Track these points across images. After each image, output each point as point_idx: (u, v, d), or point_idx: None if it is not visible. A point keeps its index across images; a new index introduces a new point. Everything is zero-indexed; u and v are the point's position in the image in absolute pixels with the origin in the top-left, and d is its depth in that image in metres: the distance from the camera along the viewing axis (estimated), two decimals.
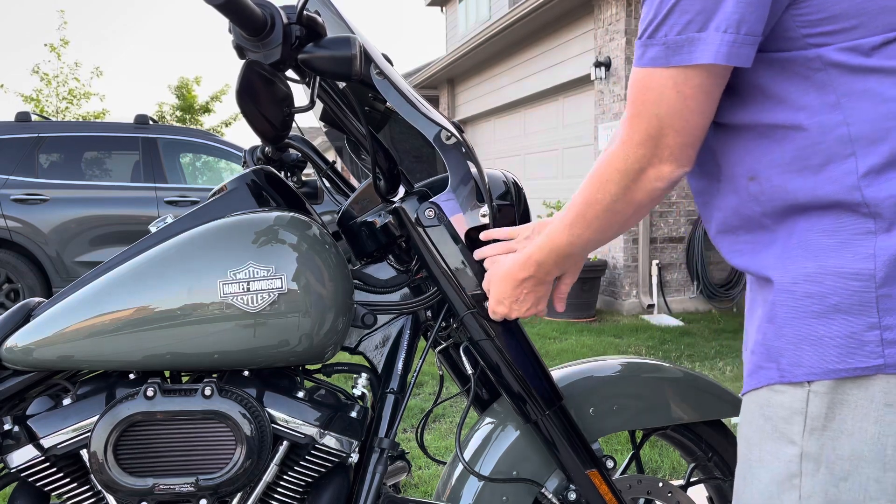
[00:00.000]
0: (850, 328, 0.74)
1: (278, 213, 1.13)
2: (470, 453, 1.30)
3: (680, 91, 0.76)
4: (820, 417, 0.76)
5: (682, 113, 0.77)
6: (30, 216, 5.98)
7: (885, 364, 0.72)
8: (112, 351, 1.07)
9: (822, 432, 0.76)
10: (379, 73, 1.08)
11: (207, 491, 1.08)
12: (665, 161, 0.80)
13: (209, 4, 0.88)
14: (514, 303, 1.08)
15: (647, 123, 0.79)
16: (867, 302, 0.73)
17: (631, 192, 0.83)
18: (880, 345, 0.73)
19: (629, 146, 0.81)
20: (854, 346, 0.74)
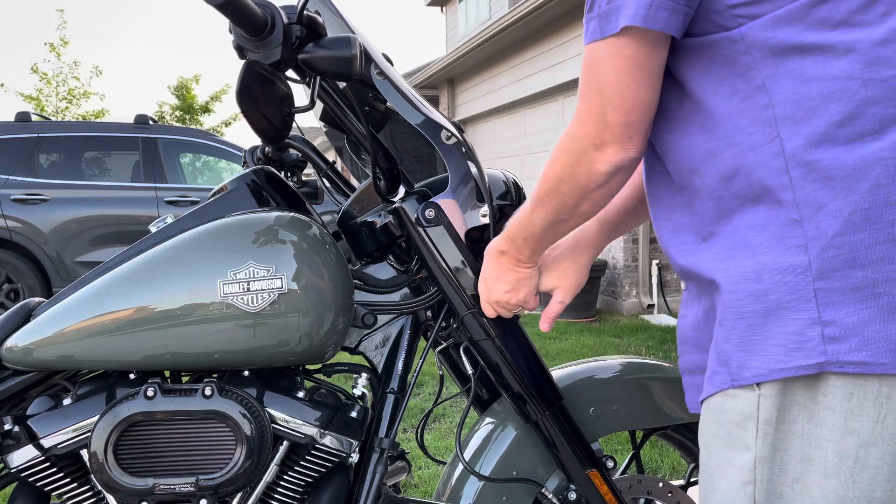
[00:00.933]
0: (791, 325, 0.71)
1: (278, 213, 1.13)
2: (470, 453, 1.30)
3: (614, 64, 0.76)
4: (771, 421, 0.74)
5: (617, 87, 0.76)
6: (30, 216, 5.98)
7: (827, 361, 0.69)
8: (112, 351, 1.07)
9: (774, 435, 0.74)
10: (379, 72, 1.08)
11: (207, 491, 1.08)
12: (608, 143, 0.78)
13: (209, 4, 0.88)
14: (495, 282, 1.06)
15: (589, 101, 0.78)
16: (805, 296, 0.70)
17: (576, 173, 0.82)
18: (822, 341, 0.70)
19: (576, 125, 0.81)
20: (796, 343, 0.71)
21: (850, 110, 0.69)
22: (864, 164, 0.68)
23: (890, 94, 0.68)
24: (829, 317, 0.69)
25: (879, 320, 0.67)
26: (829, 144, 0.69)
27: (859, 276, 0.68)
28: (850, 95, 0.69)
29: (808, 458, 0.72)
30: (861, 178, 0.68)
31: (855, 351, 0.68)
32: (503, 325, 1.19)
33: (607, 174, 0.80)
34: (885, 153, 0.67)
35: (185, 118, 17.06)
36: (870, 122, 0.68)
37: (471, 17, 12.92)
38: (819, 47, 0.70)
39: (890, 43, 0.69)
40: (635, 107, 0.76)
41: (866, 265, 0.68)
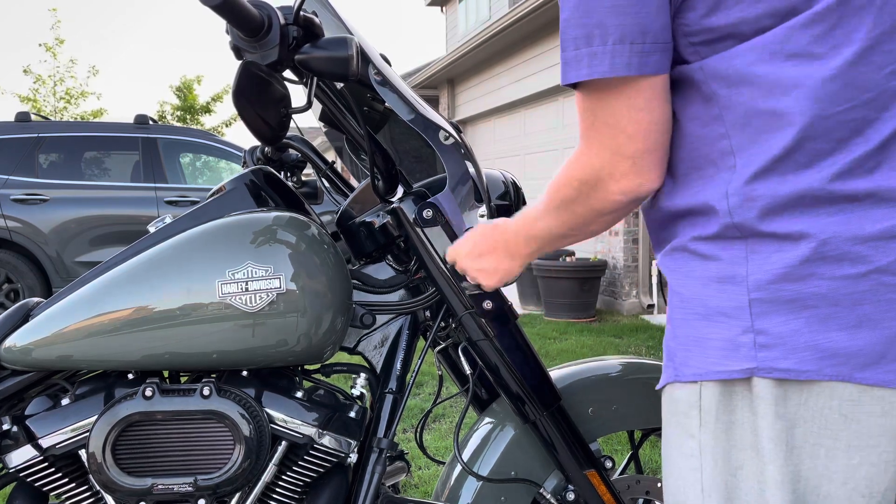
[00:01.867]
0: (728, 331, 0.76)
1: (277, 213, 1.13)
2: (469, 453, 1.30)
3: (620, 93, 0.76)
4: (711, 410, 0.78)
5: (629, 114, 0.76)
6: (30, 216, 5.98)
7: (757, 367, 0.74)
8: (111, 351, 1.07)
9: (714, 425, 0.78)
10: (377, 73, 1.08)
11: (206, 491, 1.08)
12: (627, 174, 0.78)
13: (205, 5, 0.88)
14: (477, 256, 1.04)
15: (599, 132, 0.78)
16: (741, 306, 0.75)
17: (591, 199, 0.82)
18: (753, 348, 0.74)
19: (588, 155, 0.80)
20: (731, 348, 0.76)
21: (792, 144, 0.72)
22: (795, 194, 0.72)
23: (829, 130, 0.71)
24: (761, 326, 0.74)
25: (806, 331, 0.72)
26: (768, 175, 0.73)
27: (790, 290, 0.72)
28: (795, 131, 0.72)
29: (748, 444, 0.76)
30: (794, 206, 0.72)
31: (783, 358, 0.73)
32: (502, 326, 1.19)
33: (626, 203, 0.80)
34: (815, 184, 0.71)
35: (185, 118, 17.06)
36: (809, 156, 0.72)
37: (471, 17, 12.92)
38: (768, 81, 0.73)
39: (837, 79, 0.70)
40: (651, 130, 0.76)
41: (797, 280, 0.72)
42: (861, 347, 0.71)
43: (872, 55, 0.70)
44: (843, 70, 0.70)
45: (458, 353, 1.28)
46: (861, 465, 0.73)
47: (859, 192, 0.71)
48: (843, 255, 0.71)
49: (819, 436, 0.73)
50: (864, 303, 0.71)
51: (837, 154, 0.71)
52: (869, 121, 0.71)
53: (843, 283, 0.71)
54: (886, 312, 0.71)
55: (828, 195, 0.71)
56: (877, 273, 0.70)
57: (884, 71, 0.70)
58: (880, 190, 0.71)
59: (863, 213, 0.71)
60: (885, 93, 0.71)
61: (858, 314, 0.71)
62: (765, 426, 0.74)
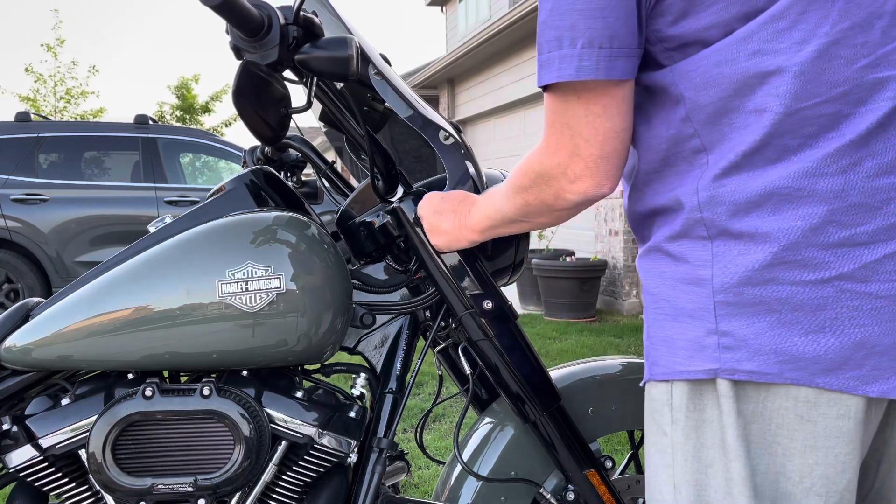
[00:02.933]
0: (693, 332, 0.77)
1: (277, 213, 1.13)
2: (468, 453, 1.30)
3: (579, 97, 0.76)
4: (682, 408, 0.79)
5: (587, 119, 0.76)
6: (30, 216, 5.98)
7: (720, 368, 0.75)
8: (111, 351, 1.07)
9: (685, 422, 0.79)
10: (377, 73, 1.08)
11: (206, 491, 1.08)
12: (582, 176, 0.78)
13: (205, 6, 0.88)
14: (432, 207, 1.06)
15: (558, 132, 0.79)
16: (707, 307, 0.76)
17: (545, 193, 0.83)
18: (717, 349, 0.75)
19: (545, 154, 0.81)
20: (696, 349, 0.77)
21: (760, 140, 0.72)
22: (763, 191, 0.72)
23: (797, 126, 0.71)
24: (725, 328, 0.74)
25: (769, 334, 0.72)
26: (736, 172, 0.73)
27: (753, 294, 0.73)
28: (762, 127, 0.71)
29: (716, 443, 0.77)
30: (761, 204, 0.72)
31: (745, 360, 0.73)
32: (502, 326, 1.19)
33: (577, 203, 0.80)
34: (782, 181, 0.71)
35: (185, 118, 17.06)
36: (777, 152, 0.72)
37: (471, 17, 12.92)
38: (733, 81, 0.73)
39: (803, 75, 0.70)
40: (609, 137, 0.76)
41: (759, 284, 0.72)
42: (823, 353, 0.71)
43: (839, 49, 0.69)
44: (808, 65, 0.69)
45: (458, 353, 1.28)
46: (817, 465, 0.73)
47: (831, 190, 0.70)
48: (805, 261, 0.71)
49: (776, 434, 0.74)
50: (827, 309, 0.71)
51: (807, 150, 0.71)
52: (843, 115, 0.70)
53: (805, 289, 0.71)
54: (849, 319, 0.70)
55: (795, 193, 0.71)
56: (839, 280, 0.70)
57: (854, 65, 0.69)
58: (851, 192, 0.70)
59: (829, 217, 0.70)
60: (858, 87, 0.69)
61: (821, 320, 0.71)
62: (729, 424, 0.75)
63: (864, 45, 0.69)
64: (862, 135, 0.70)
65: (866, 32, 0.69)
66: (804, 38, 0.69)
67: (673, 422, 0.80)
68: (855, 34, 0.69)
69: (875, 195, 0.70)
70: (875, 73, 0.69)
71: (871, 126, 0.69)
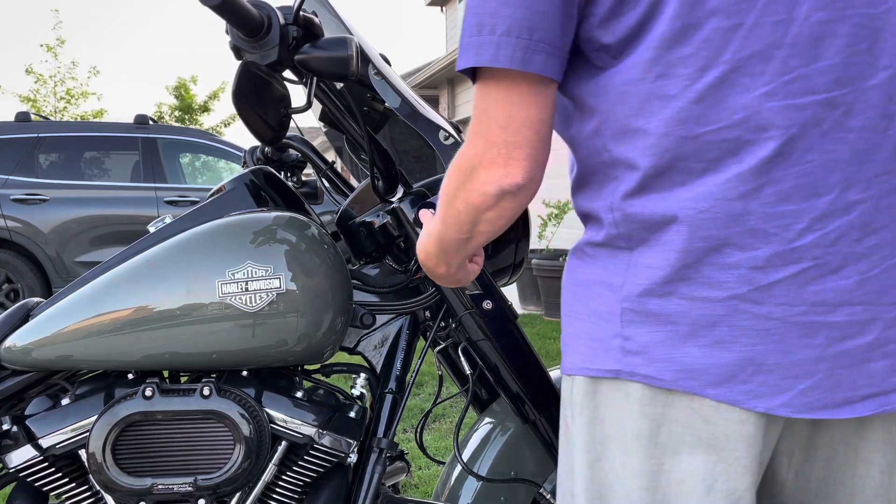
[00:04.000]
0: (601, 333, 0.80)
1: (277, 213, 1.13)
2: (468, 453, 1.30)
3: (498, 83, 0.75)
4: (578, 404, 0.83)
5: (504, 105, 0.75)
6: (30, 216, 5.97)
7: (622, 370, 0.78)
8: (111, 351, 1.07)
9: (582, 416, 0.82)
10: (377, 73, 1.08)
11: (206, 491, 1.08)
12: (493, 163, 0.76)
13: (205, 6, 0.88)
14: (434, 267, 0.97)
15: (477, 118, 0.78)
16: (615, 311, 0.79)
17: (467, 190, 0.80)
18: (621, 352, 0.78)
19: (467, 143, 0.80)
20: (601, 349, 0.80)
21: (664, 164, 0.74)
22: (668, 213, 0.74)
23: (700, 150, 0.72)
24: (629, 333, 0.77)
25: (666, 344, 0.75)
26: (644, 193, 0.76)
27: (655, 305, 0.76)
28: (664, 151, 0.73)
29: (608, 438, 0.80)
30: (666, 225, 0.75)
31: (645, 365, 0.76)
32: (502, 326, 1.19)
33: (495, 196, 0.78)
34: (686, 204, 0.73)
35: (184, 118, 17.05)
36: (682, 175, 0.74)
37: None
38: (637, 100, 0.74)
39: (703, 100, 0.71)
40: (524, 126, 0.75)
41: (661, 296, 0.75)
42: (713, 365, 0.74)
43: (739, 77, 0.71)
44: (709, 91, 0.71)
45: (458, 354, 1.28)
46: (719, 463, 0.76)
47: (731, 214, 0.72)
48: (704, 279, 0.74)
49: (682, 434, 0.76)
50: (720, 325, 0.73)
51: (710, 174, 0.73)
52: (745, 142, 0.71)
53: (702, 305, 0.74)
54: (740, 337, 0.73)
55: (698, 215, 0.73)
56: (734, 299, 0.73)
57: (754, 93, 0.71)
58: (749, 217, 0.72)
59: (728, 240, 0.72)
60: (759, 114, 0.71)
61: (714, 335, 0.73)
62: (630, 423, 0.78)
63: (764, 74, 0.71)
64: (763, 161, 0.71)
65: (766, 62, 0.71)
66: (706, 65, 0.71)
67: (573, 416, 0.84)
68: (755, 63, 0.71)
69: (772, 221, 0.72)
70: (775, 101, 0.71)
71: (771, 154, 0.71)
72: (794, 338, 0.73)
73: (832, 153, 0.71)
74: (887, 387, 0.75)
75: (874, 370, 0.74)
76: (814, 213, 0.72)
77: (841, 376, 0.73)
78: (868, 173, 0.72)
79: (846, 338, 0.73)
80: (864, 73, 0.72)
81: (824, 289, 0.72)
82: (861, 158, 0.72)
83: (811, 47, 0.70)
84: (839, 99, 0.71)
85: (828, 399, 0.73)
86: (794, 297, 0.72)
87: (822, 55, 0.70)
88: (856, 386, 0.74)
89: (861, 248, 0.73)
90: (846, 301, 0.73)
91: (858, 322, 0.73)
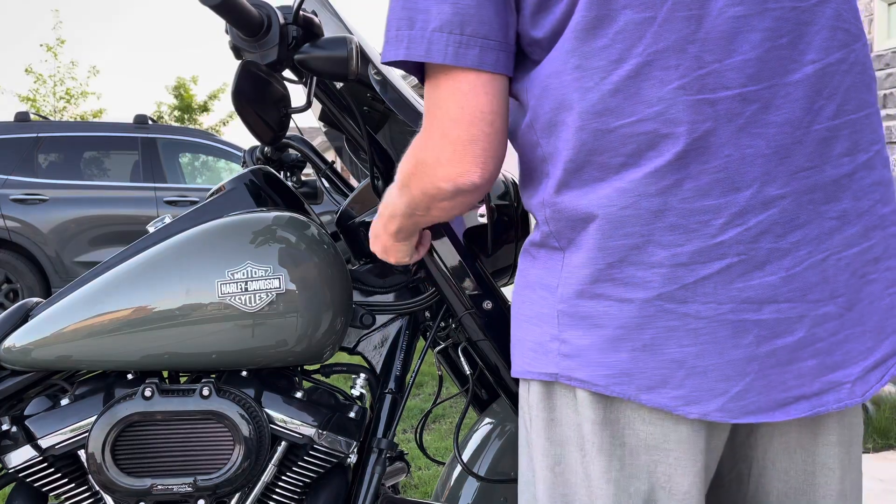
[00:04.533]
0: (541, 336, 0.79)
1: (276, 213, 1.13)
2: (469, 454, 1.30)
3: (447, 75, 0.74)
4: (534, 407, 0.82)
5: (454, 97, 0.74)
6: (29, 216, 5.97)
7: (559, 373, 0.77)
8: (110, 351, 1.07)
9: (538, 422, 0.81)
10: (376, 73, 1.08)
11: (205, 491, 1.08)
12: (451, 161, 0.75)
13: (205, 5, 0.88)
14: (373, 239, 0.99)
15: (429, 112, 0.77)
16: (552, 314, 0.78)
17: (422, 180, 0.80)
18: (557, 355, 0.77)
19: (421, 135, 0.79)
20: (542, 352, 0.79)
21: (582, 158, 0.73)
22: (590, 209, 0.73)
23: (616, 143, 0.71)
24: (565, 336, 0.77)
25: (598, 348, 0.74)
26: (568, 188, 0.75)
27: (586, 307, 0.75)
28: (581, 144, 0.72)
29: (566, 440, 0.79)
30: (589, 221, 0.74)
31: (579, 369, 0.75)
32: (501, 326, 1.18)
33: (451, 192, 0.77)
34: (606, 200, 0.72)
35: (183, 118, 17.05)
36: (600, 170, 0.73)
37: None
38: (558, 94, 0.74)
39: (619, 93, 0.70)
40: (476, 118, 0.73)
41: (591, 298, 0.75)
42: (644, 370, 0.73)
43: (653, 70, 0.70)
44: (624, 83, 0.70)
45: (458, 354, 1.28)
46: (660, 463, 0.75)
47: (651, 210, 0.71)
48: (629, 279, 0.72)
49: (629, 436, 0.75)
50: (648, 327, 0.72)
51: (629, 169, 0.72)
52: (661, 135, 0.70)
53: (629, 307, 0.73)
54: (668, 339, 0.72)
55: (619, 212, 0.72)
56: (660, 299, 0.72)
57: (668, 86, 0.70)
58: (669, 212, 0.71)
59: (650, 237, 0.71)
60: (673, 107, 0.70)
61: (643, 338, 0.72)
62: (583, 425, 0.77)
63: (678, 68, 0.70)
64: (679, 155, 0.70)
65: (679, 55, 0.70)
66: (621, 57, 0.70)
67: (531, 419, 0.83)
68: (668, 56, 0.70)
69: (692, 217, 0.71)
70: (688, 95, 0.70)
71: (684, 148, 0.70)
72: (725, 337, 0.71)
73: (749, 148, 0.70)
74: (817, 388, 0.74)
75: (804, 370, 0.73)
76: (733, 208, 0.70)
77: (772, 377, 0.72)
78: (789, 168, 0.71)
79: (775, 336, 0.72)
80: (785, 67, 0.70)
81: (750, 285, 0.71)
82: (781, 154, 0.71)
83: (725, 42, 0.69)
84: (755, 94, 0.70)
85: (761, 402, 0.72)
86: (722, 295, 0.71)
87: (737, 50, 0.69)
88: (787, 387, 0.73)
89: (784, 244, 0.72)
90: (772, 298, 0.72)
91: (786, 320, 0.72)
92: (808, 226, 0.72)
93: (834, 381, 0.74)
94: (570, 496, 0.79)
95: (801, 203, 0.72)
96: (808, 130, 0.72)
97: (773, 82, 0.70)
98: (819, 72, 0.71)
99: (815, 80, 0.71)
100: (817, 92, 0.72)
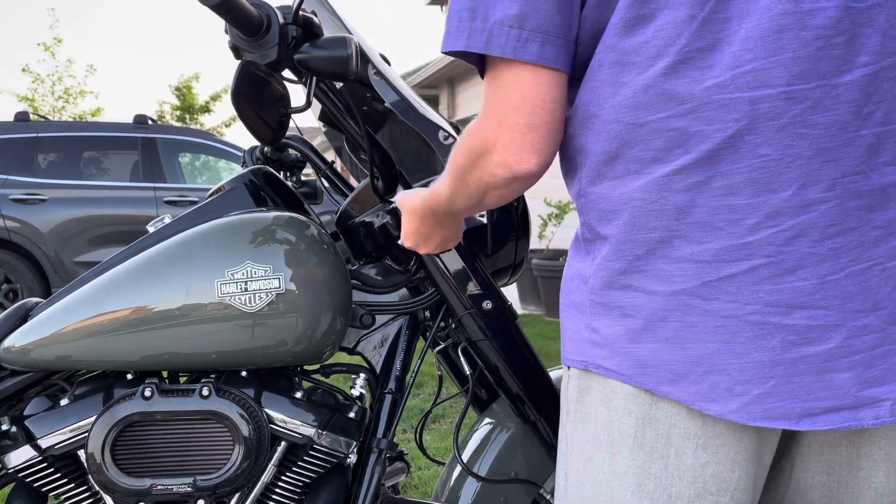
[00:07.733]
0: (577, 324, 0.81)
1: (276, 213, 1.13)
2: (468, 454, 1.30)
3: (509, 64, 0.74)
4: (572, 400, 0.83)
5: (517, 84, 0.74)
6: (29, 216, 5.96)
7: (589, 361, 0.79)
8: (110, 351, 1.07)
9: (574, 414, 0.83)
10: (376, 73, 1.08)
11: (205, 491, 1.08)
12: (507, 147, 0.75)
13: (204, 5, 0.88)
14: (421, 240, 1.00)
15: (489, 99, 0.77)
16: (586, 303, 0.80)
17: (478, 168, 0.79)
18: (589, 343, 0.79)
19: (478, 122, 0.79)
20: (578, 340, 0.81)
21: (613, 150, 0.74)
22: (621, 201, 0.75)
23: (647, 138, 0.72)
24: (596, 325, 0.78)
25: (625, 338, 0.75)
26: (600, 180, 0.76)
27: (613, 297, 0.76)
28: (613, 137, 0.74)
29: (598, 438, 0.80)
30: (620, 213, 0.75)
31: (607, 358, 0.77)
32: (501, 326, 1.18)
33: (506, 179, 0.77)
34: (636, 194, 0.73)
35: (185, 118, 17.04)
36: (632, 164, 0.73)
37: None
38: (595, 88, 0.75)
39: (651, 88, 0.71)
40: (537, 105, 0.73)
41: (619, 289, 0.76)
42: (666, 362, 0.73)
43: (687, 69, 0.70)
44: (657, 80, 0.71)
45: (458, 354, 1.28)
46: (708, 464, 0.74)
47: (678, 206, 0.71)
48: (656, 272, 0.73)
49: (668, 432, 0.75)
50: (671, 321, 0.73)
51: (658, 164, 0.72)
52: (692, 132, 0.70)
53: (654, 299, 0.73)
54: (689, 335, 0.72)
55: (648, 206, 0.73)
56: (683, 294, 0.72)
57: (701, 84, 0.70)
58: (697, 209, 0.71)
59: (677, 232, 0.72)
60: (707, 105, 0.70)
61: (667, 331, 0.73)
62: (615, 420, 0.77)
63: (714, 67, 0.69)
64: (710, 153, 0.70)
65: (715, 55, 0.69)
66: (658, 54, 0.70)
67: (566, 412, 0.84)
68: (704, 56, 0.70)
69: (720, 215, 0.70)
70: (725, 93, 0.69)
71: (718, 145, 0.70)
72: (748, 338, 0.70)
73: (790, 148, 0.69)
74: (852, 401, 0.71)
75: (837, 381, 0.71)
76: (766, 208, 0.69)
77: (798, 384, 0.70)
78: (834, 172, 0.69)
79: (805, 343, 0.70)
80: (838, 68, 0.69)
81: (779, 288, 0.70)
82: (825, 156, 0.69)
83: (771, 40, 0.68)
84: (802, 93, 0.68)
85: (786, 408, 0.71)
86: (747, 295, 0.70)
87: (784, 48, 0.68)
88: (816, 397, 0.71)
89: (822, 249, 0.70)
90: (804, 304, 0.70)
91: (819, 327, 0.70)
92: (853, 233, 0.70)
93: (873, 397, 0.72)
94: (595, 496, 0.79)
95: (846, 209, 0.70)
96: (857, 134, 0.70)
97: (824, 82, 0.69)
98: (871, 76, 0.69)
99: (866, 84, 0.69)
100: (868, 96, 0.70)
